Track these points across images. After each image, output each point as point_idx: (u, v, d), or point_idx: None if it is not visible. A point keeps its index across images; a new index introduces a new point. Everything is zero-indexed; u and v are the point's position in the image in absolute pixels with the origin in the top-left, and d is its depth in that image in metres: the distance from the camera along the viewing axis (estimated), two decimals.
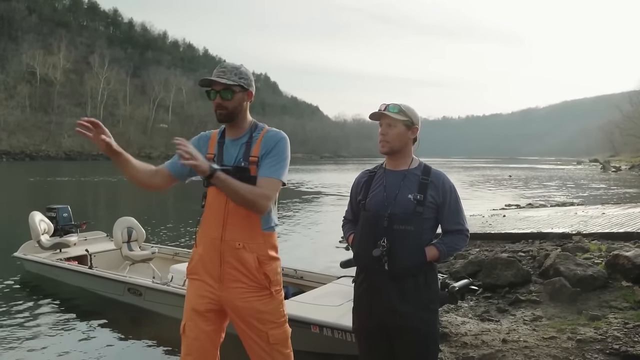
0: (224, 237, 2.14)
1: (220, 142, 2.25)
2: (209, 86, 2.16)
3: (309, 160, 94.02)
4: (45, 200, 13.36)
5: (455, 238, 2.21)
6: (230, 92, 2.14)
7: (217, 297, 2.17)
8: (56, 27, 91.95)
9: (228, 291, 2.15)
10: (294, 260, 7.35)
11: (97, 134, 2.05)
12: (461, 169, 53.28)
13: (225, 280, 2.16)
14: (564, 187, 26.02)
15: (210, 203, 2.20)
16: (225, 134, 2.27)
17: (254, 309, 2.15)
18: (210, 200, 2.20)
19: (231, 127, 2.24)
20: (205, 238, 2.20)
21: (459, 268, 5.60)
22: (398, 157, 2.25)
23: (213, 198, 2.19)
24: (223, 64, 2.21)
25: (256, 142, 2.19)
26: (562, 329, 3.85)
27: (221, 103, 2.15)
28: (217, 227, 2.16)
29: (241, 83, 2.16)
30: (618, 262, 4.83)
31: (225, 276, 2.15)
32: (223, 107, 2.16)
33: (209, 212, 2.21)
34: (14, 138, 67.31)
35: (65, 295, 5.73)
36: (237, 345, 2.28)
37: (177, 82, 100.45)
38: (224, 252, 2.15)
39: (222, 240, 2.15)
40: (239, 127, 2.24)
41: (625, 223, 8.03)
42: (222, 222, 2.15)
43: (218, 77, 2.14)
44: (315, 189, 23.85)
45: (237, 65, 2.20)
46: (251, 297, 2.15)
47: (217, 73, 2.17)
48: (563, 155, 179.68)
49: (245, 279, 2.15)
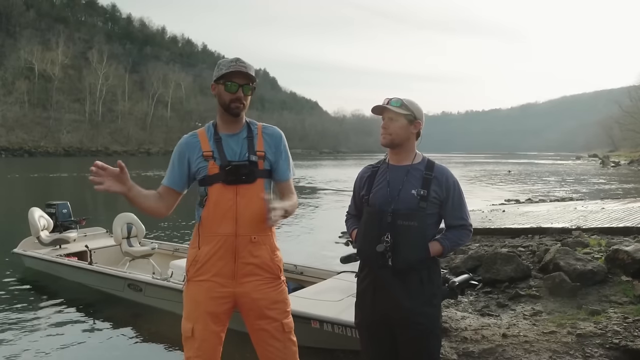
0: (238, 232, 2.13)
1: (216, 139, 2.20)
2: (228, 77, 2.12)
3: (308, 155, 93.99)
4: (44, 197, 13.35)
5: (458, 233, 2.20)
6: (250, 88, 2.16)
7: (231, 294, 2.16)
8: (54, 22, 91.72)
9: (243, 286, 2.16)
10: (294, 255, 7.34)
11: (121, 179, 2.04)
12: (460, 165, 53.27)
13: (239, 275, 2.15)
14: (564, 182, 26.02)
15: (217, 201, 2.14)
16: (219, 129, 2.22)
17: (270, 300, 2.18)
18: (216, 198, 2.14)
19: (231, 123, 2.21)
20: (214, 237, 2.14)
21: (459, 263, 5.60)
22: (401, 152, 2.24)
23: (219, 196, 2.14)
24: (240, 59, 2.17)
25: (257, 138, 2.21)
26: (562, 323, 3.85)
27: (241, 97, 2.14)
28: (229, 224, 2.13)
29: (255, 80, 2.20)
30: (618, 257, 4.83)
31: (239, 271, 2.15)
32: (241, 102, 2.15)
33: (217, 210, 2.14)
34: (12, 134, 67.23)
35: (65, 291, 5.72)
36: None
37: (175, 78, 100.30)
38: (239, 247, 2.14)
39: (236, 235, 2.13)
40: (239, 122, 2.23)
41: (625, 218, 8.04)
42: (234, 218, 2.13)
43: (246, 70, 2.12)
44: (314, 185, 23.84)
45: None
46: (267, 288, 2.18)
47: (240, 66, 2.12)
48: (562, 151, 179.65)
49: (260, 271, 2.17)
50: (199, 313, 2.15)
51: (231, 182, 2.13)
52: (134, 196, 2.10)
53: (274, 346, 2.18)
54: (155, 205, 2.20)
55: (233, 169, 2.13)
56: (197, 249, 2.18)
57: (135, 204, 2.15)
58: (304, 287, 4.71)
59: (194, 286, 2.18)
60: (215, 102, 2.22)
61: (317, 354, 3.72)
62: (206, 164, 2.16)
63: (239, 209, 2.13)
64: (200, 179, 2.18)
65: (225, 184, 2.13)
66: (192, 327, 2.15)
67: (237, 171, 2.13)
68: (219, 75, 2.13)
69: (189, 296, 2.19)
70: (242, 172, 2.14)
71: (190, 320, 2.17)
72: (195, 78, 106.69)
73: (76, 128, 78.65)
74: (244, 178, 2.14)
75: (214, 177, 2.14)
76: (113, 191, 2.02)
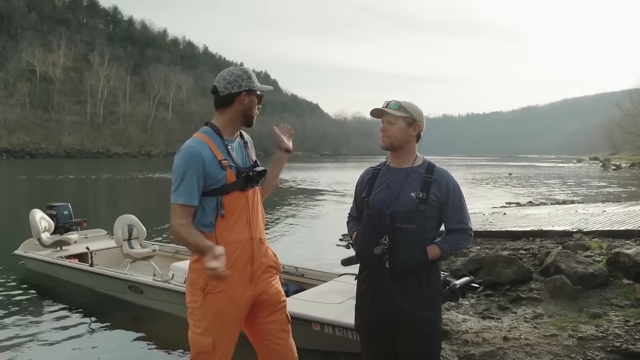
0: (253, 235, 2.19)
1: (226, 147, 2.17)
2: (261, 94, 2.26)
3: (309, 158, 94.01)
4: (45, 198, 13.35)
5: (458, 237, 2.20)
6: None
7: (251, 297, 2.19)
8: (56, 24, 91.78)
9: (259, 285, 2.21)
10: (295, 257, 7.35)
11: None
12: (461, 167, 53.23)
13: (255, 276, 2.20)
14: (565, 185, 26.00)
15: (232, 210, 2.13)
16: (222, 134, 2.20)
17: (279, 293, 2.29)
18: (234, 206, 2.14)
19: (237, 130, 2.28)
20: (231, 244, 2.11)
21: (459, 266, 5.60)
22: (401, 154, 2.23)
23: (235, 204, 2.14)
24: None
25: (248, 144, 2.34)
26: (563, 326, 3.85)
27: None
28: (244, 229, 2.17)
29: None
30: (619, 260, 4.83)
31: (256, 273, 2.20)
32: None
33: (232, 217, 2.13)
34: (14, 136, 67.33)
35: (66, 293, 5.72)
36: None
37: (177, 80, 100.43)
38: (255, 249, 2.19)
39: (252, 239, 2.18)
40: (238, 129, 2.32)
41: (626, 221, 8.03)
42: (248, 223, 2.18)
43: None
44: (315, 187, 23.83)
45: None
46: (275, 282, 2.31)
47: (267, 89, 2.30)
48: (563, 153, 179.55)
49: (270, 268, 2.28)
50: (222, 324, 2.11)
51: (247, 188, 2.17)
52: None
53: (282, 338, 2.26)
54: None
55: (255, 175, 2.19)
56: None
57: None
58: (305, 289, 4.70)
59: (215, 299, 2.10)
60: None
61: (318, 356, 3.71)
62: (225, 174, 2.11)
63: (252, 213, 2.19)
64: (217, 188, 2.11)
65: (241, 191, 2.16)
66: (212, 340, 2.09)
67: (259, 177, 2.22)
68: (253, 88, 2.19)
69: (211, 310, 2.10)
70: (261, 177, 2.24)
71: (210, 334, 2.10)
72: (196, 80, 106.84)
73: (77, 130, 78.75)
74: (259, 183, 2.25)
75: (232, 186, 2.13)
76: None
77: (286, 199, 17.42)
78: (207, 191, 2.11)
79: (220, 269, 1.90)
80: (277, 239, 9.77)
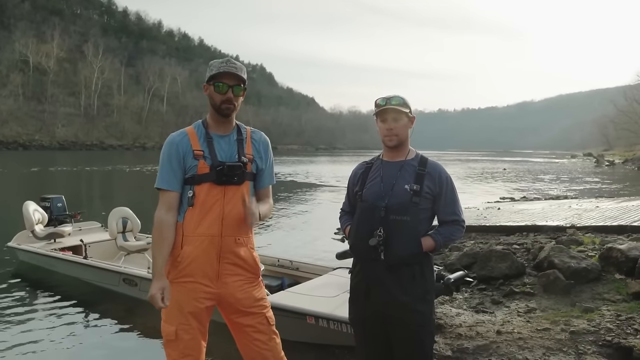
0: (223, 233, 2.13)
1: (207, 139, 2.17)
2: (218, 78, 2.12)
3: (304, 151, 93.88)
4: (39, 190, 13.26)
5: (451, 229, 2.22)
6: (242, 88, 2.17)
7: (214, 295, 2.16)
8: (49, 15, 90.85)
9: (226, 286, 2.16)
10: (290, 251, 7.36)
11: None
12: (456, 162, 53.37)
13: (222, 276, 2.16)
14: (558, 181, 26.13)
15: (204, 201, 2.12)
16: (210, 129, 2.20)
17: (253, 298, 2.21)
18: (204, 198, 2.13)
19: (222, 123, 2.21)
20: (198, 237, 2.12)
21: (453, 260, 5.62)
22: (399, 149, 2.24)
23: (206, 195, 2.13)
24: (230, 60, 2.19)
25: (247, 141, 2.24)
26: (555, 320, 3.88)
27: (231, 98, 2.14)
28: (214, 225, 2.13)
29: (246, 82, 2.20)
30: (611, 255, 4.86)
31: (222, 272, 2.16)
32: (231, 103, 2.15)
33: (202, 210, 2.12)
34: (6, 127, 66.71)
35: (60, 286, 5.70)
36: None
37: (172, 72, 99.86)
38: (223, 248, 2.14)
39: (221, 236, 2.13)
40: (230, 123, 2.23)
41: (619, 216, 8.08)
42: (220, 219, 2.13)
43: (236, 71, 2.12)
44: (310, 181, 23.83)
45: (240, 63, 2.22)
46: (249, 287, 2.21)
47: (230, 67, 2.12)
48: (557, 149, 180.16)
49: (243, 272, 2.20)
50: (182, 315, 2.13)
51: (222, 182, 2.12)
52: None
53: (259, 340, 2.20)
54: (173, 232, 2.15)
55: (227, 169, 2.12)
56: (180, 248, 2.14)
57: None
58: (300, 282, 4.71)
59: (176, 288, 2.13)
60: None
61: (313, 349, 3.73)
62: (196, 163, 2.13)
63: (226, 210, 2.13)
64: (188, 177, 2.14)
65: (215, 184, 2.12)
66: (174, 329, 2.13)
67: (231, 172, 2.13)
68: (209, 76, 2.13)
69: (172, 299, 2.11)
70: (235, 172, 2.14)
71: (173, 323, 2.14)
72: (191, 73, 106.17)
73: (71, 122, 78.16)
74: (235, 179, 2.15)
75: (203, 177, 2.12)
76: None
77: (281, 192, 17.41)
78: (185, 180, 2.15)
79: (157, 299, 2.04)
80: (272, 232, 9.78)
